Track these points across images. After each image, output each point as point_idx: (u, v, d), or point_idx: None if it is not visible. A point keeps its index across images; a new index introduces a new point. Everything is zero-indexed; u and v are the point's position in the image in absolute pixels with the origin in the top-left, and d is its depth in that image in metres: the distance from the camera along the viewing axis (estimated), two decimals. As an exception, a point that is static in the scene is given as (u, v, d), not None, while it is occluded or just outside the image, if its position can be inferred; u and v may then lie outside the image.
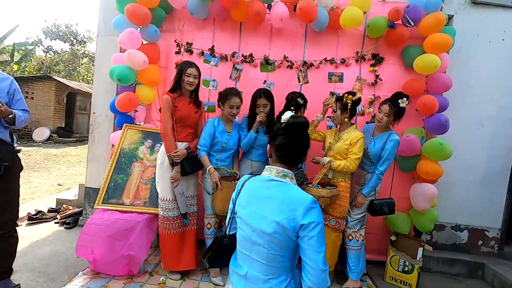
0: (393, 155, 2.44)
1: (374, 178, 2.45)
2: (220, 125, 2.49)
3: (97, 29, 3.33)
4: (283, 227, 1.10)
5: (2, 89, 1.96)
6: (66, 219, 3.28)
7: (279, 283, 1.14)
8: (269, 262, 1.14)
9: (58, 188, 5.35)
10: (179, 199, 2.39)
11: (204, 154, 2.40)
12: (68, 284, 2.22)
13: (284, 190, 1.16)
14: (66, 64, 19.52)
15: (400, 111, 2.42)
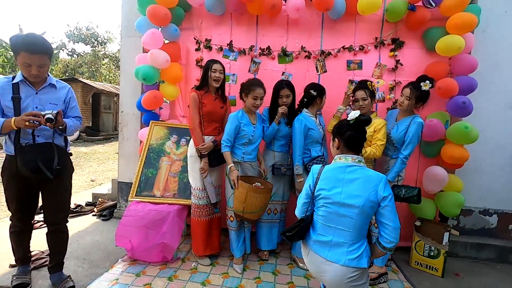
0: (417, 138, 2.41)
1: (398, 163, 2.43)
2: (244, 118, 2.47)
3: (120, 32, 3.49)
4: (370, 200, 1.45)
5: (59, 98, 2.05)
6: (102, 211, 3.53)
7: (360, 246, 1.49)
8: (355, 230, 1.48)
9: (91, 184, 5.71)
10: (208, 189, 2.53)
11: (227, 150, 2.40)
12: (110, 270, 2.43)
13: (364, 172, 1.51)
14: (89, 65, 20.35)
15: (422, 94, 2.38)
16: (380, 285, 2.44)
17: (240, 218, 2.38)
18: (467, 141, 2.61)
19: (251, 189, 2.26)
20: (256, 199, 2.25)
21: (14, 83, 1.91)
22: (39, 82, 1.98)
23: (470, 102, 2.59)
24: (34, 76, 1.89)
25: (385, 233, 1.46)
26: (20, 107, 1.89)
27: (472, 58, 2.70)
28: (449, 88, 2.63)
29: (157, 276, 2.37)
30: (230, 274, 2.47)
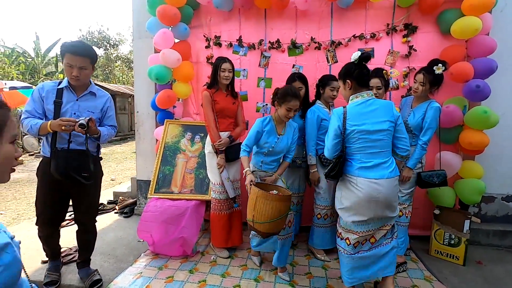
0: (435, 123, 2.36)
1: (418, 150, 2.40)
2: (269, 125, 2.31)
3: (131, 34, 3.57)
4: (392, 122, 1.84)
5: (97, 106, 2.10)
6: (123, 209, 3.67)
7: (391, 160, 1.87)
8: (387, 148, 1.85)
9: (111, 182, 5.91)
10: (226, 184, 2.59)
11: (244, 154, 2.25)
12: (134, 264, 2.54)
13: (379, 102, 1.87)
14: (102, 68, 20.83)
15: (436, 78, 2.33)
16: (399, 274, 2.43)
17: (251, 228, 2.09)
18: (487, 126, 2.54)
19: (260, 195, 1.95)
20: (266, 207, 1.93)
21: (59, 88, 2.00)
22: (81, 89, 2.05)
23: (486, 85, 2.50)
24: (75, 78, 1.95)
25: (402, 145, 1.89)
26: (60, 111, 1.96)
27: (490, 39, 2.60)
28: (462, 72, 2.55)
29: (178, 269, 2.46)
30: (248, 266, 2.52)
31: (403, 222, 2.54)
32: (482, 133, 2.59)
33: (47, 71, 17.98)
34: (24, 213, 4.22)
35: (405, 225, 2.55)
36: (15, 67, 15.53)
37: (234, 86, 2.67)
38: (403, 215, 2.52)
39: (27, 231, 3.15)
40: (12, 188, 5.51)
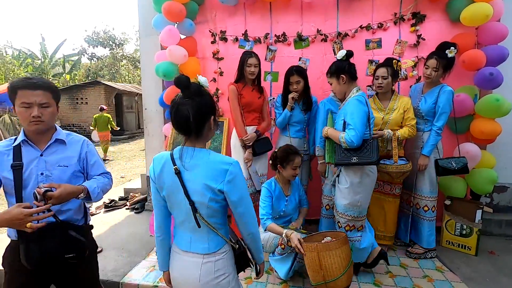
0: (449, 107, 2.33)
1: (432, 136, 2.36)
2: (277, 189, 2.25)
3: (138, 32, 3.60)
4: None
5: (71, 156, 1.50)
6: (134, 205, 3.73)
7: None
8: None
9: (121, 180, 6.00)
10: (253, 177, 2.63)
11: (269, 222, 2.06)
12: (147, 258, 2.59)
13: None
14: (109, 68, 21.04)
15: (449, 62, 2.30)
16: (411, 264, 2.43)
17: None
18: (499, 114, 2.49)
19: (321, 248, 1.76)
20: (334, 258, 1.74)
21: (15, 145, 1.42)
22: (43, 139, 1.46)
23: (499, 73, 2.46)
24: (35, 121, 1.38)
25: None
26: (22, 178, 1.38)
27: (501, 25, 2.54)
28: (474, 60, 2.50)
29: (190, 262, 2.50)
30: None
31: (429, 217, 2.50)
32: (494, 121, 2.55)
33: (55, 72, 18.26)
34: None
35: (432, 219, 2.51)
36: (24, 69, 15.80)
37: (260, 81, 2.69)
38: (429, 209, 2.49)
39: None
40: None
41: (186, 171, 1.17)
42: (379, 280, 2.22)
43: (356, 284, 2.17)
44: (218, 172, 1.15)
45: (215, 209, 1.20)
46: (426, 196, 2.47)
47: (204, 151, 1.19)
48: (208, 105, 1.19)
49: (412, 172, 2.49)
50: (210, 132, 1.25)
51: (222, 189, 1.15)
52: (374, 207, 2.59)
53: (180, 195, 1.18)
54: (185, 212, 1.20)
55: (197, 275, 1.20)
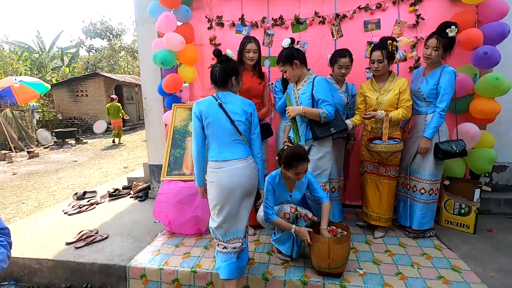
0: (451, 88, 2.28)
1: (435, 117, 2.32)
2: (280, 185, 2.18)
3: (134, 20, 3.56)
4: None
5: None
6: (138, 193, 3.79)
7: None
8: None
9: (124, 170, 6.07)
10: None
11: (275, 218, 2.09)
12: (152, 243, 2.66)
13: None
14: (107, 59, 20.87)
15: (450, 41, 2.27)
16: (409, 243, 2.48)
17: (325, 275, 2.06)
18: (498, 93, 2.48)
19: (333, 242, 1.96)
20: (342, 250, 1.97)
21: None
22: None
23: (494, 51, 2.42)
24: None
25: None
26: None
27: (502, 2, 2.50)
28: (470, 39, 2.48)
29: (194, 246, 2.56)
30: (261, 241, 2.61)
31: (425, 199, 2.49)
32: (493, 100, 2.54)
33: (53, 65, 18.15)
34: (44, 201, 4.42)
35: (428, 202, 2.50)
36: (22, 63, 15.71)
37: (261, 66, 2.67)
38: (426, 192, 2.48)
39: (49, 217, 3.31)
40: (31, 179, 5.74)
41: (225, 104, 1.84)
42: (378, 259, 2.28)
43: (355, 262, 2.23)
44: (247, 103, 1.91)
45: (246, 125, 1.88)
46: (425, 179, 2.46)
47: (232, 94, 1.90)
48: (231, 68, 1.87)
49: (410, 155, 2.51)
50: (233, 88, 1.91)
51: (252, 112, 1.90)
52: (369, 189, 2.62)
53: (223, 119, 1.83)
54: (228, 131, 1.84)
55: (246, 171, 1.86)
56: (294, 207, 2.16)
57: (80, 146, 9.43)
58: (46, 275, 2.45)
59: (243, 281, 2.13)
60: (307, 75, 2.32)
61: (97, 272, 2.37)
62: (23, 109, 9.98)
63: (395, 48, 2.37)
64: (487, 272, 2.10)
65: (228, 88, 1.89)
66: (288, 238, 2.23)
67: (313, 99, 2.26)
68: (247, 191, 1.89)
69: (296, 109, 2.28)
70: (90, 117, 13.00)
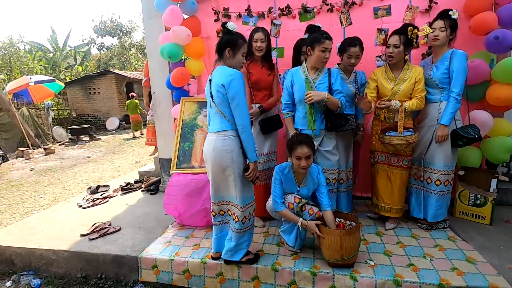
0: (464, 70, 2.20)
1: (451, 103, 2.23)
2: (289, 176, 2.19)
3: (142, 14, 3.57)
4: None
5: None
6: (149, 187, 3.85)
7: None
8: None
9: (136, 165, 6.19)
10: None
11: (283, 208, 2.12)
12: (163, 235, 2.70)
13: None
14: (118, 57, 21.14)
15: (454, 23, 2.21)
16: (422, 235, 2.43)
17: (337, 266, 2.04)
18: (517, 78, 2.37)
19: (345, 233, 1.95)
20: (353, 241, 1.97)
21: None
22: None
23: (507, 35, 2.30)
24: None
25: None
26: None
27: (521, -18, 2.37)
28: (482, 24, 2.37)
29: (204, 238, 2.59)
30: (270, 233, 2.61)
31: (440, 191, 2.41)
32: (511, 86, 2.42)
33: (67, 64, 18.54)
34: (60, 196, 4.55)
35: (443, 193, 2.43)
36: (37, 62, 16.13)
37: (270, 57, 2.64)
38: (441, 183, 2.40)
39: (65, 210, 3.41)
40: (48, 175, 5.92)
41: (212, 78, 1.94)
42: (389, 250, 2.24)
43: (366, 254, 2.20)
44: (225, 74, 1.86)
45: (221, 98, 1.87)
46: (440, 170, 2.38)
47: (222, 67, 1.92)
48: (226, 39, 1.91)
49: (423, 146, 2.44)
50: (229, 60, 1.93)
51: (224, 83, 1.83)
52: (380, 179, 2.57)
53: (208, 93, 1.96)
54: (210, 104, 1.98)
55: (214, 144, 1.92)
56: (299, 198, 2.14)
57: (94, 143, 9.65)
58: (62, 265, 2.53)
59: (252, 272, 2.14)
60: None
61: (111, 263, 2.43)
62: (39, 107, 10.27)
63: (415, 36, 2.27)
64: (504, 264, 2.03)
65: (224, 60, 1.93)
66: (292, 229, 2.23)
67: (330, 90, 2.28)
68: (217, 166, 1.96)
69: (321, 94, 2.22)
70: (102, 114, 13.27)
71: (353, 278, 1.97)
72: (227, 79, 1.83)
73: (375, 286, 1.93)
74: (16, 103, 9.23)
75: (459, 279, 1.88)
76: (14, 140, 8.57)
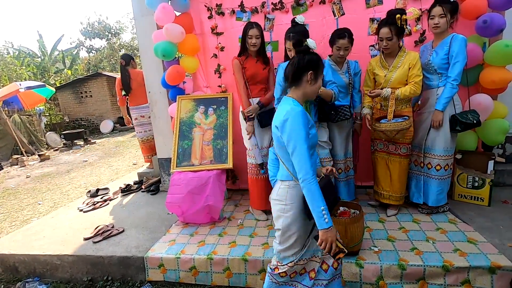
0: (463, 56, 2.20)
1: (447, 88, 2.25)
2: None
3: (132, 14, 3.53)
4: None
5: None
6: (149, 187, 3.84)
7: None
8: None
9: (133, 167, 6.14)
10: (253, 150, 2.68)
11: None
12: (167, 233, 2.70)
13: None
14: (108, 59, 20.86)
15: (454, 6, 2.21)
16: (423, 218, 2.47)
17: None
18: (509, 60, 2.41)
19: (350, 222, 2.01)
20: (357, 228, 2.02)
21: None
22: None
23: (494, 19, 2.32)
24: None
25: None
26: None
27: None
28: (471, 8, 2.40)
29: (208, 234, 2.60)
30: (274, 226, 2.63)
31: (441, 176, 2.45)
32: (504, 69, 2.47)
33: (55, 69, 18.23)
34: (59, 201, 4.51)
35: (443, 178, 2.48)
36: (25, 68, 15.84)
37: (265, 52, 2.67)
38: (442, 168, 2.44)
39: (65, 215, 3.39)
40: (45, 181, 5.85)
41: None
42: (393, 236, 2.28)
43: (370, 241, 2.23)
44: (280, 113, 1.47)
45: (280, 145, 1.49)
46: (439, 155, 2.41)
47: (287, 99, 1.51)
48: (308, 61, 1.46)
49: (423, 132, 2.47)
50: (309, 86, 1.49)
51: (277, 126, 1.46)
52: (379, 167, 2.61)
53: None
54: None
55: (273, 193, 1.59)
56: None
57: (89, 147, 9.54)
58: (68, 270, 2.52)
59: (258, 264, 2.16)
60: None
61: (116, 264, 2.43)
62: (30, 114, 10.11)
63: (405, 22, 2.27)
64: (505, 243, 2.08)
65: (299, 86, 1.50)
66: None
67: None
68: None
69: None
70: (96, 118, 13.11)
71: (359, 265, 2.00)
72: (281, 119, 1.44)
73: (381, 271, 1.97)
74: (6, 110, 9.07)
75: (462, 259, 1.93)
76: (8, 148, 8.44)
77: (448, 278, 1.91)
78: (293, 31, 2.32)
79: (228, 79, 3.23)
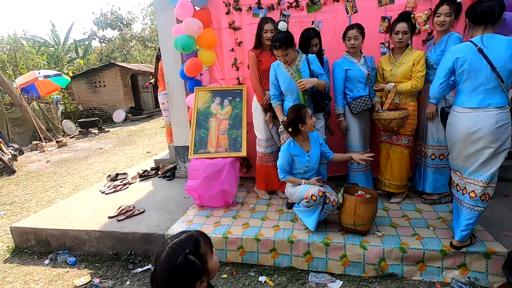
0: None
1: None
2: (296, 148, 2.43)
3: (154, 7, 3.70)
4: None
5: None
6: (166, 173, 4.06)
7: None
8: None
9: (147, 155, 6.40)
10: (275, 136, 2.92)
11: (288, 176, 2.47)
12: (185, 215, 2.92)
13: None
14: (120, 50, 21.13)
15: (459, 6, 2.35)
16: (425, 208, 2.62)
17: (351, 231, 2.31)
18: None
19: (359, 201, 2.20)
20: (367, 210, 2.19)
21: None
22: None
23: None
24: None
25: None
26: None
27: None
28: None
29: (223, 216, 2.81)
30: (284, 210, 2.82)
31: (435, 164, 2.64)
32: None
33: (68, 58, 18.60)
34: (80, 185, 4.79)
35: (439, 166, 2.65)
36: (41, 57, 16.22)
37: None
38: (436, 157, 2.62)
39: (89, 197, 3.64)
40: (64, 166, 6.16)
41: (488, 45, 1.73)
42: (396, 223, 2.44)
43: (374, 226, 2.40)
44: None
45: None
46: (432, 145, 2.60)
47: (496, 35, 1.74)
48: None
49: (423, 123, 2.63)
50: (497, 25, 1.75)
51: None
52: (382, 157, 2.82)
53: (482, 64, 1.73)
54: (484, 77, 1.74)
55: (493, 122, 1.74)
56: (322, 191, 2.30)
57: (103, 135, 9.86)
58: (95, 244, 2.77)
59: (270, 244, 2.35)
60: (298, 55, 2.56)
61: (139, 240, 2.66)
62: (48, 102, 10.46)
63: (416, 22, 2.49)
64: (501, 232, 2.22)
65: (494, 26, 1.78)
66: (312, 213, 2.37)
67: (311, 75, 2.54)
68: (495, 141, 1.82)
69: (311, 80, 2.48)
70: (109, 107, 13.43)
71: (362, 247, 2.18)
72: None
73: (383, 253, 2.14)
74: (26, 98, 9.42)
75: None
76: (27, 134, 8.82)
77: (446, 262, 2.08)
78: (277, 40, 2.41)
79: (245, 72, 3.39)
